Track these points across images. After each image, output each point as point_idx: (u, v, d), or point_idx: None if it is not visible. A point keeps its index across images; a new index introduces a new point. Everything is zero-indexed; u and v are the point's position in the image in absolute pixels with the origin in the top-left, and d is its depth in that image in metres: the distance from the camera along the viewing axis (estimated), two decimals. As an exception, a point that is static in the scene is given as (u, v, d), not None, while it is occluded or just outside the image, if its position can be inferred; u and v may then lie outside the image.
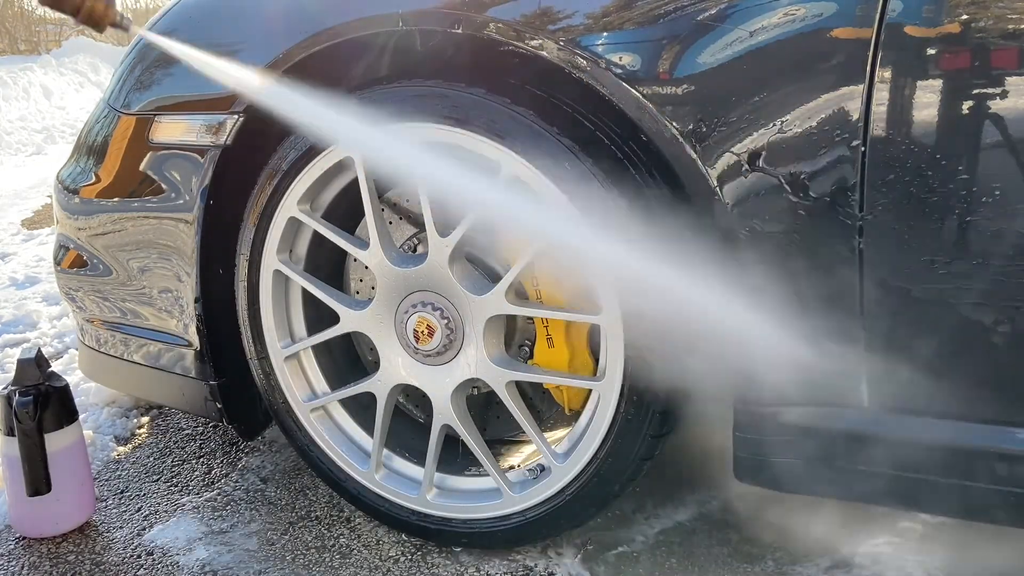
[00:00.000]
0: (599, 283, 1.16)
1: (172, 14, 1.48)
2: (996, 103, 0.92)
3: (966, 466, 1.04)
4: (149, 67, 1.48)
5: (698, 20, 1.03)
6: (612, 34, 1.08)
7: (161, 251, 1.46)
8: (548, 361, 1.30)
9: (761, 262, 1.06)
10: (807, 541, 1.37)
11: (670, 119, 1.06)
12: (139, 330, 1.59)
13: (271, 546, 1.45)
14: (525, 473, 1.35)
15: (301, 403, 1.45)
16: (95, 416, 1.90)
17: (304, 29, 1.27)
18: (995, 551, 1.30)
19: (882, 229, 1.00)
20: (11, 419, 1.41)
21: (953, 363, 1.03)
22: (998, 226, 0.95)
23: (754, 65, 1.01)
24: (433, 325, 1.29)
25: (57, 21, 12.24)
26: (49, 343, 2.41)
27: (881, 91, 0.96)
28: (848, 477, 1.11)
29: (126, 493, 1.63)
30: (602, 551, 1.39)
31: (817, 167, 1.01)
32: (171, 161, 1.42)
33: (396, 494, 1.41)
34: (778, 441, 1.13)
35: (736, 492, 1.47)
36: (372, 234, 1.30)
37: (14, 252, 3.52)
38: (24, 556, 1.44)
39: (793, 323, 1.06)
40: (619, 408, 1.20)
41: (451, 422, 1.34)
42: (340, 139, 1.24)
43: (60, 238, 1.70)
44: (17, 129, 6.79)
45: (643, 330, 1.13)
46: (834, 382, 1.08)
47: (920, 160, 0.96)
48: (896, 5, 0.94)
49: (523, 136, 1.15)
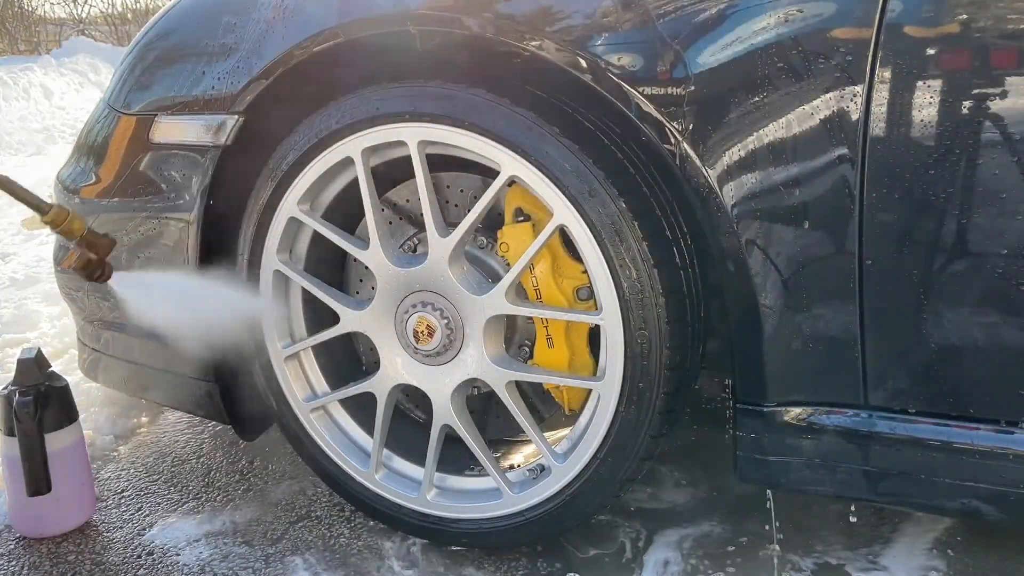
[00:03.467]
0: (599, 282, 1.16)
1: (170, 16, 1.48)
2: (996, 103, 0.92)
3: (967, 466, 1.04)
4: (149, 67, 1.48)
5: (698, 20, 1.03)
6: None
7: (161, 251, 1.46)
8: (548, 361, 1.30)
9: (761, 261, 1.06)
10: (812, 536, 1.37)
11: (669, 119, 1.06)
12: (139, 330, 1.58)
13: (272, 545, 1.45)
14: (525, 473, 1.35)
15: (301, 403, 1.45)
16: (95, 416, 1.90)
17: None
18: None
19: (882, 229, 1.00)
20: (11, 419, 1.41)
21: (953, 363, 1.03)
22: (998, 225, 0.95)
23: (754, 65, 1.01)
24: (433, 325, 1.29)
25: (57, 21, 12.25)
26: (49, 343, 2.40)
27: (881, 91, 0.96)
28: (848, 476, 1.11)
29: (126, 493, 1.63)
30: (601, 552, 1.39)
31: (817, 167, 1.01)
32: (171, 161, 1.42)
33: (396, 494, 1.41)
34: (778, 441, 1.13)
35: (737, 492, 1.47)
36: (372, 234, 1.30)
37: (14, 252, 3.52)
38: (24, 556, 1.44)
39: (793, 322, 1.07)
40: (619, 408, 1.20)
41: (451, 422, 1.34)
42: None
43: (60, 238, 1.70)
44: (17, 129, 6.79)
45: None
46: (834, 381, 1.08)
47: (920, 160, 0.96)
48: (896, 5, 0.94)
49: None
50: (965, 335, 1.00)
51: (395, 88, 1.24)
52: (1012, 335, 0.99)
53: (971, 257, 0.97)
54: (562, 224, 1.17)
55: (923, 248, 0.99)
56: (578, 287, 1.26)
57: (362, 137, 1.26)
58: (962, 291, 0.99)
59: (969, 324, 1.00)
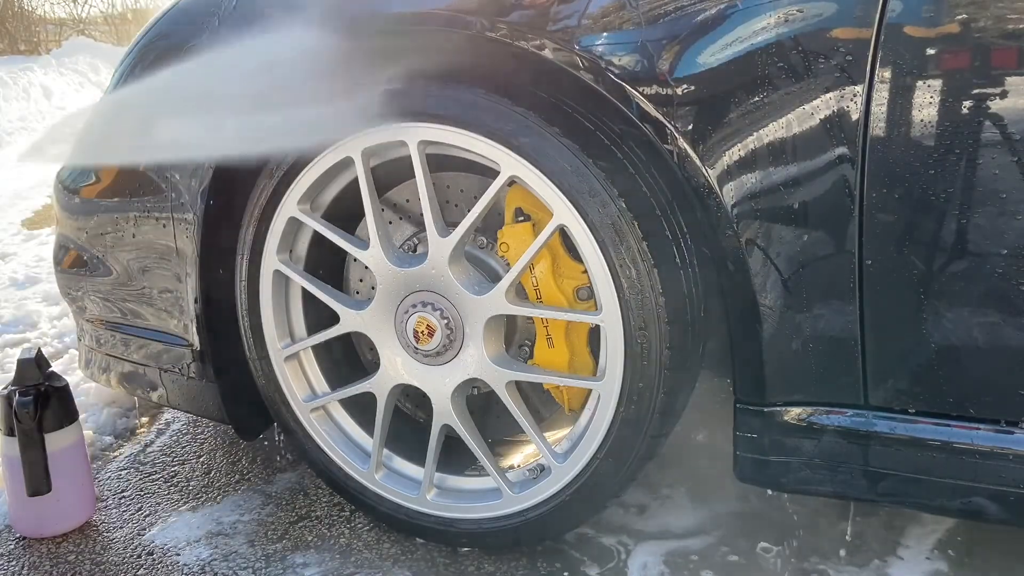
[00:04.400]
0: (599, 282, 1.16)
1: (170, 16, 1.48)
2: (996, 103, 0.92)
3: (967, 466, 1.04)
4: (149, 67, 1.48)
5: (698, 20, 1.03)
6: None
7: (161, 251, 1.46)
8: (548, 361, 1.30)
9: (761, 261, 1.06)
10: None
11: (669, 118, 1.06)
12: (139, 330, 1.59)
13: (272, 545, 1.45)
14: (525, 473, 1.35)
15: (301, 403, 1.45)
16: (95, 416, 1.90)
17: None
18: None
19: (882, 229, 1.00)
20: (11, 419, 1.41)
21: (953, 363, 1.03)
22: (998, 225, 0.95)
23: (754, 65, 1.01)
24: (433, 325, 1.29)
25: (57, 21, 12.25)
26: (49, 343, 2.41)
27: (881, 91, 0.96)
28: (848, 476, 1.11)
29: (126, 493, 1.63)
30: (601, 551, 1.39)
31: (817, 167, 1.01)
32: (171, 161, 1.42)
33: (396, 494, 1.41)
34: (778, 441, 1.13)
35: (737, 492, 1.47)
36: (372, 234, 1.30)
37: (14, 252, 3.52)
38: (24, 556, 1.44)
39: (793, 322, 1.06)
40: (619, 408, 1.20)
41: (451, 422, 1.34)
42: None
43: (60, 238, 1.70)
44: (17, 129, 6.79)
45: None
46: (834, 381, 1.08)
47: (920, 160, 0.96)
48: (896, 5, 0.94)
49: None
50: (965, 335, 1.00)
51: (395, 88, 1.24)
52: (1012, 335, 0.99)
53: (971, 257, 0.97)
54: (562, 224, 1.17)
55: (923, 248, 0.99)
56: (578, 287, 1.26)
57: (362, 137, 1.26)
58: (962, 291, 0.99)
59: (969, 324, 1.00)
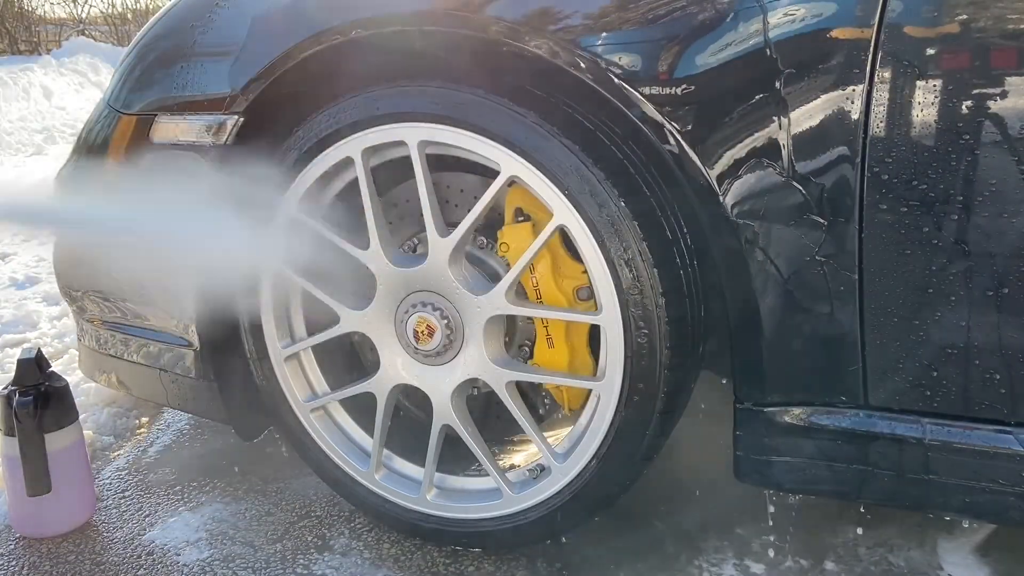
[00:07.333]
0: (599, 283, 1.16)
1: (170, 16, 1.48)
2: (996, 103, 0.92)
3: (967, 466, 1.04)
4: (149, 67, 1.48)
5: (698, 20, 1.03)
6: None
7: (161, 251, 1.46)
8: (548, 361, 1.30)
9: (761, 261, 1.06)
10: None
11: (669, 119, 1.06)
12: (139, 330, 1.58)
13: (272, 545, 1.45)
14: (525, 473, 1.35)
15: (301, 403, 1.45)
16: (95, 416, 1.90)
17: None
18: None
19: (882, 229, 1.00)
20: (11, 419, 1.41)
21: (953, 363, 1.03)
22: (998, 225, 0.95)
23: (754, 65, 1.01)
24: (433, 325, 1.29)
25: (57, 21, 12.25)
26: (49, 343, 2.41)
27: (881, 91, 0.96)
28: (848, 477, 1.11)
29: (126, 493, 1.63)
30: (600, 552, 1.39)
31: (817, 167, 1.01)
32: (172, 161, 1.42)
33: (396, 494, 1.41)
34: (778, 441, 1.13)
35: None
36: (372, 234, 1.30)
37: (14, 252, 3.52)
38: (24, 556, 1.44)
39: (793, 322, 1.06)
40: (619, 408, 1.20)
41: (451, 422, 1.34)
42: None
43: (60, 238, 1.70)
44: (17, 129, 6.79)
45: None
46: (834, 381, 1.08)
47: (920, 160, 0.96)
48: (896, 5, 0.94)
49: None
50: (965, 335, 1.00)
51: (395, 88, 1.24)
52: (1012, 335, 0.98)
53: (971, 257, 0.97)
54: (562, 224, 1.17)
55: (923, 248, 0.99)
56: (578, 287, 1.26)
57: (362, 137, 1.26)
58: (962, 291, 0.99)
59: (969, 324, 1.00)
